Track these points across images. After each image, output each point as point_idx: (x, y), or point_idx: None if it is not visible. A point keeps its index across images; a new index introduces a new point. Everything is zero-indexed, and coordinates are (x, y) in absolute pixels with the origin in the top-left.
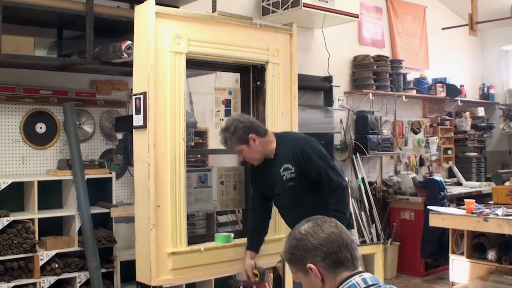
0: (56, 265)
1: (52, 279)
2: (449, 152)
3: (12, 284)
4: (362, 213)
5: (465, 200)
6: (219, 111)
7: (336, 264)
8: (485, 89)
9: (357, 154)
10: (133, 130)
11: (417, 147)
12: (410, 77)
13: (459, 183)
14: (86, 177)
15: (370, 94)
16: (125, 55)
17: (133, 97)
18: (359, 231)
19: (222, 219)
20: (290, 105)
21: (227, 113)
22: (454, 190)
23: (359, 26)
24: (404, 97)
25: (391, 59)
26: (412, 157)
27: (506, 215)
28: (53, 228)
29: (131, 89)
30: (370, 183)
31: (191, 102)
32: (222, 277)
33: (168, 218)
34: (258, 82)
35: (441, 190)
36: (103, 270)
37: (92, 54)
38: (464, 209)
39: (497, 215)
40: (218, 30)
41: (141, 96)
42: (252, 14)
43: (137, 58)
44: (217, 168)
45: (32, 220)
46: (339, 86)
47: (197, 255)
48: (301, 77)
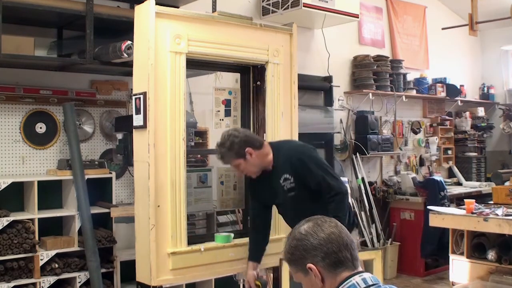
0: (56, 265)
1: (52, 279)
2: (449, 152)
3: (12, 284)
4: (362, 213)
5: (465, 200)
6: (219, 111)
7: (336, 264)
8: (485, 89)
9: (357, 154)
10: (133, 130)
11: (417, 147)
12: (410, 77)
13: (459, 183)
14: (86, 177)
15: (370, 94)
16: (125, 55)
17: (133, 97)
18: (359, 231)
19: (222, 219)
20: (290, 105)
21: (227, 113)
22: (454, 190)
23: (359, 26)
24: (404, 97)
25: (391, 59)
26: (412, 157)
27: (506, 215)
28: (53, 228)
29: (131, 89)
30: (370, 183)
31: (191, 102)
32: (222, 277)
33: (168, 218)
34: (258, 82)
35: (441, 190)
36: (103, 270)
37: (92, 54)
38: (464, 209)
39: (497, 215)
40: (218, 30)
41: (141, 96)
42: (252, 14)
43: (137, 58)
44: (217, 168)
45: (32, 220)
46: (339, 86)
47: (197, 255)
48: (301, 77)
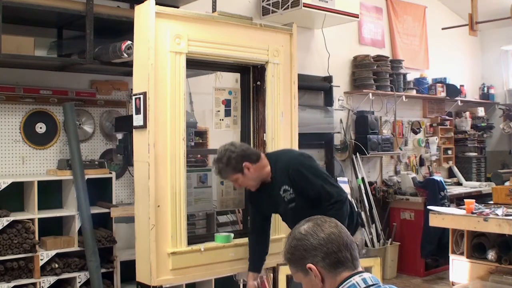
0: (56, 265)
1: (52, 279)
2: (449, 152)
3: (12, 284)
4: (362, 213)
5: (465, 200)
6: (219, 111)
7: (336, 264)
8: (485, 89)
9: (357, 154)
10: (133, 130)
11: (417, 147)
12: (410, 77)
13: (459, 183)
14: (86, 177)
15: (370, 94)
16: (125, 55)
17: (133, 97)
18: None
19: (222, 219)
20: (290, 105)
21: (227, 113)
22: (454, 190)
23: (359, 26)
24: (404, 97)
25: (391, 59)
26: (412, 157)
27: (506, 215)
28: (53, 228)
29: (131, 89)
30: (370, 183)
31: (191, 102)
32: (222, 277)
33: (168, 218)
34: (258, 82)
35: (441, 190)
36: (103, 270)
37: (92, 54)
38: (464, 209)
39: (497, 215)
40: (218, 30)
41: (141, 96)
42: (252, 14)
43: (137, 58)
44: None
45: (32, 220)
46: (339, 86)
47: (197, 255)
48: (301, 77)
